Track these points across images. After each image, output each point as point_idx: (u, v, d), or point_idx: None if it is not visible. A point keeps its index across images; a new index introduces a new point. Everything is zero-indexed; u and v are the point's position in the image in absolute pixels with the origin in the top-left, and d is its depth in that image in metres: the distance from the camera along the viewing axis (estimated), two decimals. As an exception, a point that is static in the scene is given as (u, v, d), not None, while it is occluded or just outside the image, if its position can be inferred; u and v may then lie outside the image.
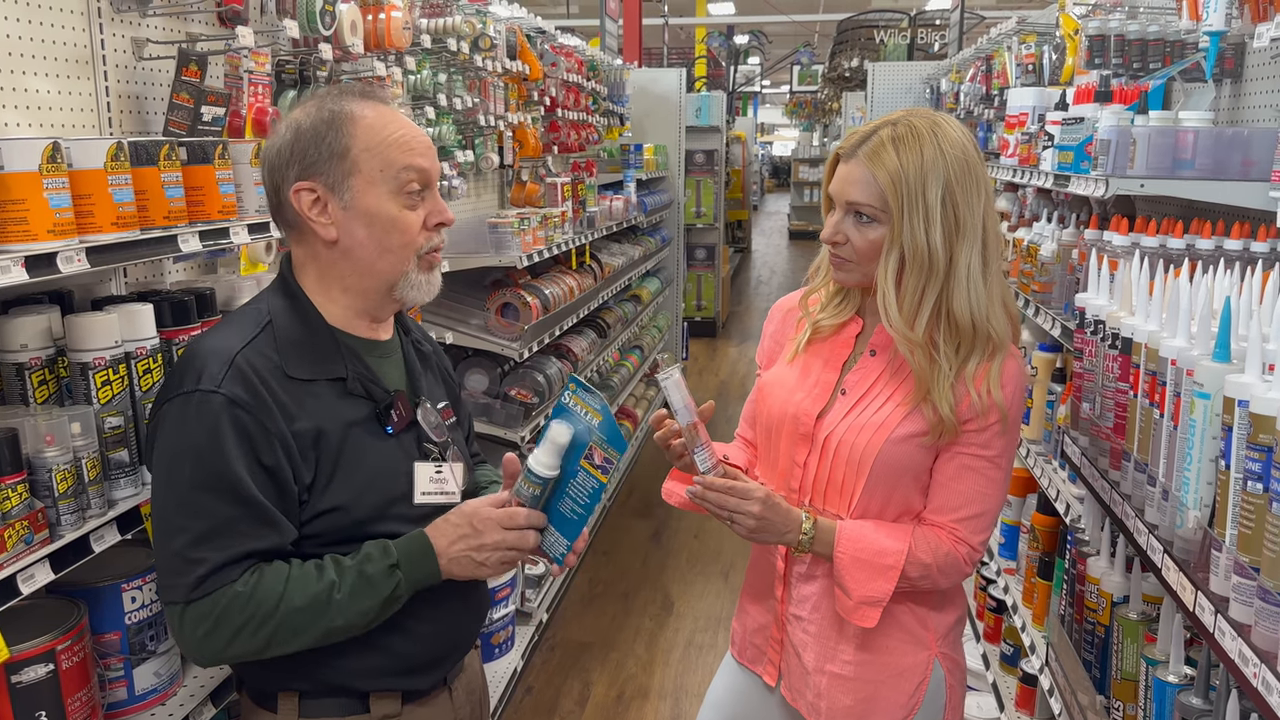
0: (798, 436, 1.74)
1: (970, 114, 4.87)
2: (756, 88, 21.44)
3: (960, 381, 1.64)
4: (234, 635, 1.39)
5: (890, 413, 1.67)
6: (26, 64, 1.90)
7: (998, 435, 1.66)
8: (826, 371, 1.75)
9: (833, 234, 1.67)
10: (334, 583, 1.42)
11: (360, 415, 1.49)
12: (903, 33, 11.08)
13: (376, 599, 1.43)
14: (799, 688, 1.79)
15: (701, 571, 4.81)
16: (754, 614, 1.88)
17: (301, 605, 1.40)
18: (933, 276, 1.61)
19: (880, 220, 1.63)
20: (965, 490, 1.68)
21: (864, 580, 1.64)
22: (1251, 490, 1.23)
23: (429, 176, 1.51)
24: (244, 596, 1.38)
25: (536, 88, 4.60)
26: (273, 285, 1.56)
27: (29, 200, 1.49)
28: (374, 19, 2.82)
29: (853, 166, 1.64)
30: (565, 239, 4.36)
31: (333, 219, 1.47)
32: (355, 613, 1.43)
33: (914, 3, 12.97)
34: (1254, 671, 1.18)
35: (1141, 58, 2.55)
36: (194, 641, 1.40)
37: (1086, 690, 2.06)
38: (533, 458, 1.48)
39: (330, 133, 1.46)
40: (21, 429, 1.56)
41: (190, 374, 1.41)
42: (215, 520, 1.38)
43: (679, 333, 8.05)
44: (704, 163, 9.89)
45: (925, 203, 1.59)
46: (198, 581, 1.37)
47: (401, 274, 1.51)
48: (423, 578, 1.47)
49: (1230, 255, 1.96)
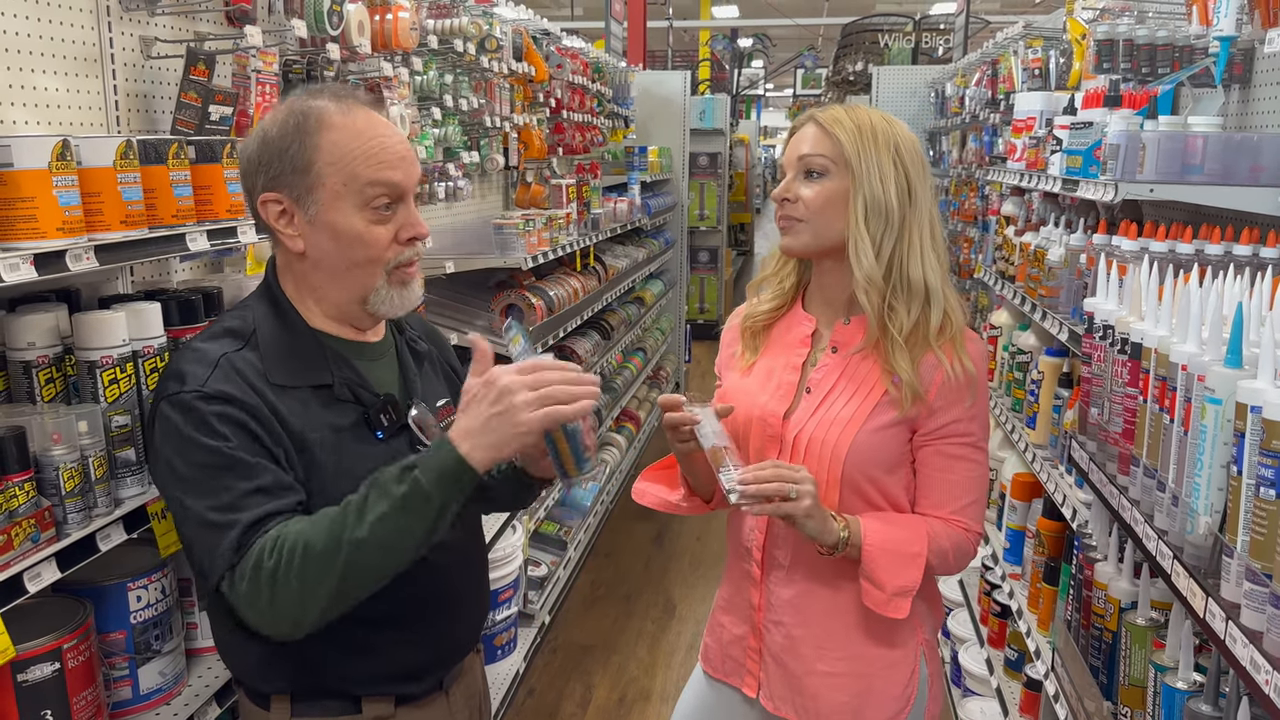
0: (766, 438, 1.73)
1: (975, 118, 4.87)
2: (760, 91, 21.43)
3: (927, 356, 1.66)
4: (271, 582, 1.28)
5: (859, 405, 1.68)
6: (36, 62, 1.90)
7: (973, 419, 1.70)
8: (788, 372, 1.76)
9: (783, 191, 1.72)
10: (349, 503, 1.32)
11: (348, 421, 1.47)
12: (907, 37, 11.07)
13: (394, 502, 1.28)
14: (783, 694, 1.78)
15: (704, 575, 4.80)
16: (729, 625, 1.86)
17: (321, 529, 1.30)
18: (888, 229, 1.66)
19: (830, 173, 1.67)
20: (957, 481, 1.70)
21: (895, 571, 1.63)
22: (1264, 497, 1.22)
23: (400, 189, 1.45)
24: (271, 542, 1.30)
25: (542, 89, 4.60)
26: (257, 290, 1.54)
27: (38, 198, 1.49)
28: (381, 19, 2.82)
29: (805, 130, 1.72)
30: (570, 241, 4.36)
31: (299, 231, 1.44)
32: (378, 523, 1.28)
33: (918, 7, 12.97)
34: (1266, 678, 1.17)
35: (1150, 62, 2.54)
36: (244, 602, 1.31)
37: (1093, 696, 2.05)
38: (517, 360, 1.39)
39: (294, 145, 1.41)
40: (29, 427, 1.55)
41: (175, 380, 1.39)
42: (232, 491, 1.34)
43: (681, 335, 8.04)
44: (708, 165, 9.88)
45: (880, 158, 1.66)
46: (233, 546, 1.31)
47: (370, 289, 1.47)
48: (447, 466, 1.29)
49: (1239, 261, 1.96)
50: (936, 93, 6.48)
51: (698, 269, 10.07)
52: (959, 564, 1.72)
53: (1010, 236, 3.45)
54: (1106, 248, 2.25)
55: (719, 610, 1.91)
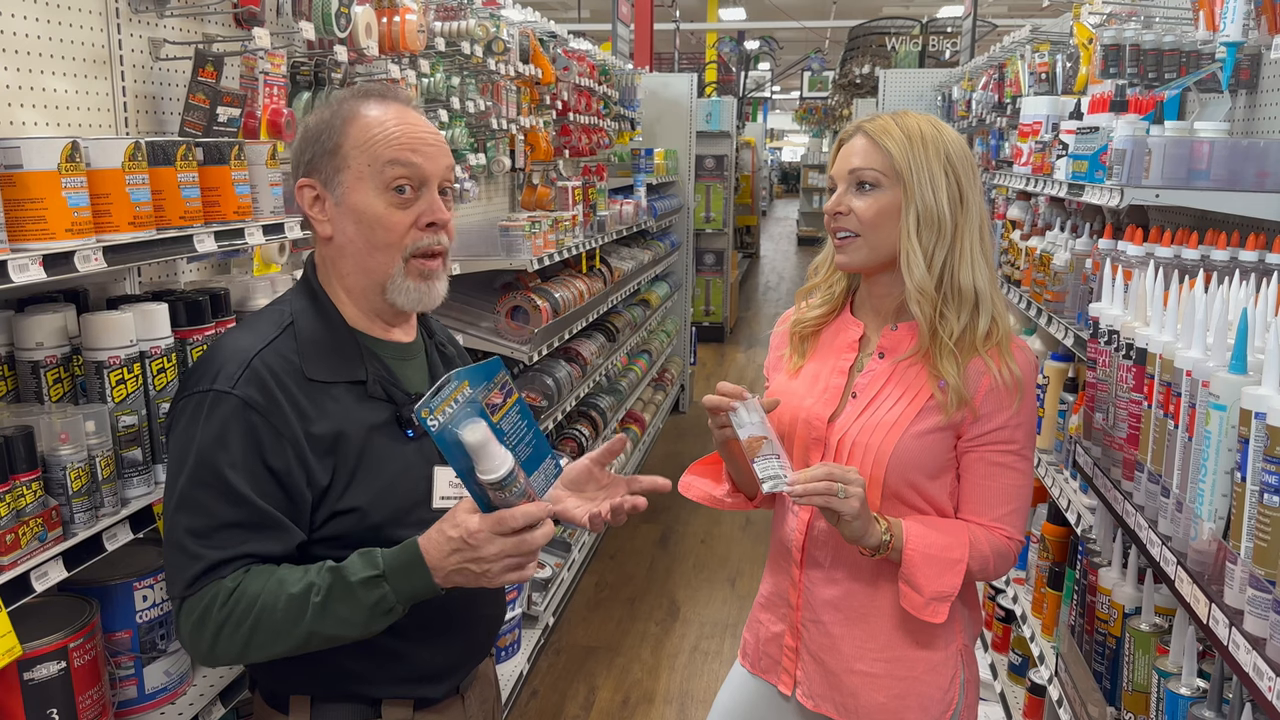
0: (810, 441, 1.73)
1: (982, 122, 4.87)
2: (767, 93, 21.45)
3: (974, 361, 1.66)
4: (218, 631, 1.36)
5: (904, 410, 1.67)
6: (45, 64, 1.91)
7: (1018, 426, 1.68)
8: (834, 376, 1.76)
9: (835, 204, 1.70)
10: (313, 585, 1.36)
11: (381, 418, 1.49)
12: (914, 40, 11.08)
13: (360, 608, 1.36)
14: (822, 692, 1.78)
15: (708, 578, 4.80)
16: (767, 623, 1.87)
17: (279, 606, 1.35)
18: (941, 238, 1.65)
19: (882, 185, 1.66)
20: (1000, 488, 1.70)
21: (934, 576, 1.63)
22: (1268, 503, 1.22)
23: (422, 173, 1.47)
24: (225, 592, 1.36)
25: (548, 91, 4.60)
26: (296, 285, 1.56)
27: (47, 199, 1.50)
28: (389, 22, 2.83)
29: (855, 141, 1.71)
30: (575, 243, 4.37)
31: (328, 215, 1.48)
32: (337, 620, 1.36)
33: (926, 10, 12.97)
34: (1269, 685, 1.17)
35: (1157, 68, 2.54)
36: (185, 637, 1.40)
37: (1097, 702, 2.05)
38: (481, 472, 1.33)
39: (327, 131, 1.47)
40: (37, 427, 1.56)
41: (208, 373, 1.41)
42: (213, 519, 1.37)
43: (687, 337, 8.04)
44: (714, 168, 9.88)
45: (931, 168, 1.65)
46: (193, 578, 1.37)
47: (388, 275, 1.48)
48: (417, 590, 1.38)
49: (1245, 266, 1.96)
50: (943, 96, 6.47)
51: (703, 271, 10.07)
52: (999, 571, 1.72)
53: (1016, 241, 3.45)
54: (1112, 253, 2.25)
55: (759, 607, 1.91)
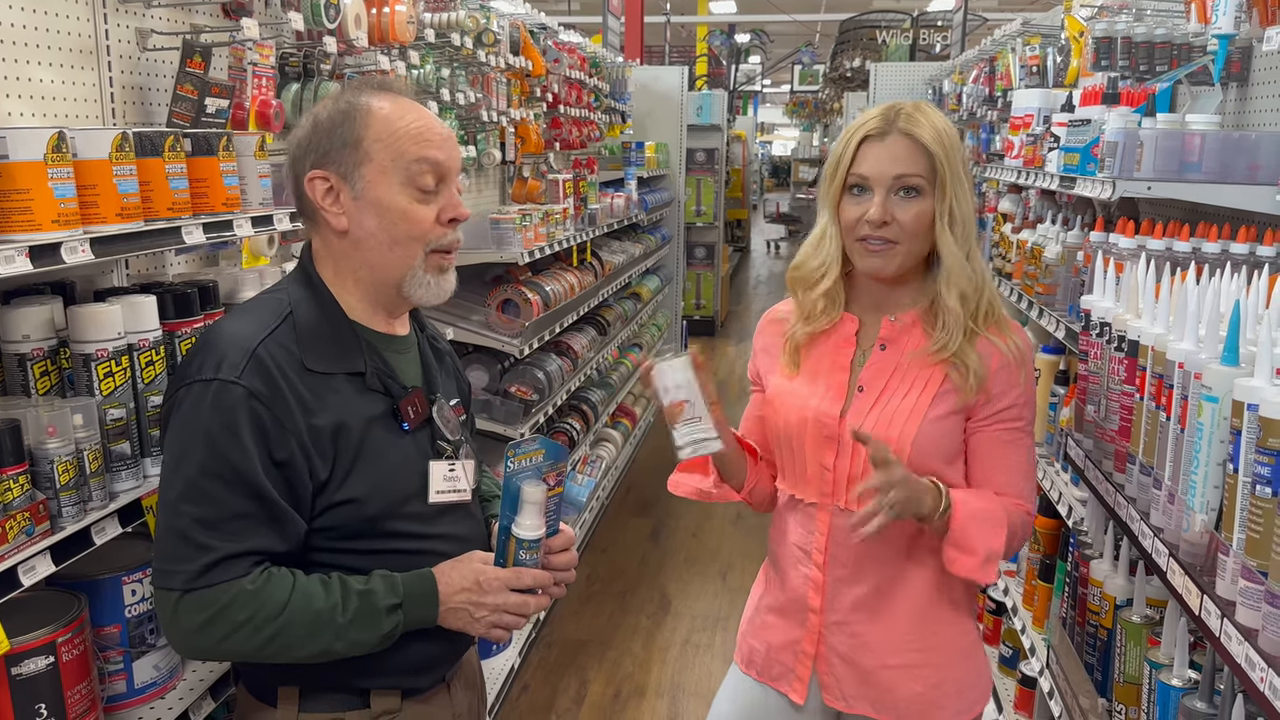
0: (822, 439, 1.70)
1: (973, 115, 4.87)
2: (757, 87, 21.43)
3: (979, 342, 1.66)
4: (233, 631, 1.37)
5: (918, 397, 1.66)
6: (31, 54, 1.89)
7: (1026, 403, 1.70)
8: (836, 372, 1.73)
9: (882, 214, 1.62)
10: (338, 605, 1.41)
11: (378, 411, 1.49)
12: (905, 33, 11.08)
13: (376, 633, 1.43)
14: (856, 692, 1.75)
15: (700, 571, 4.81)
16: (780, 629, 1.81)
17: (305, 619, 1.39)
18: (968, 235, 1.65)
19: (924, 191, 1.63)
20: (1013, 463, 1.70)
21: (985, 535, 1.60)
22: (1260, 494, 1.22)
23: (444, 169, 1.49)
24: (251, 594, 1.37)
25: (539, 84, 4.59)
26: (293, 274, 1.55)
27: (34, 190, 1.49)
28: (378, 13, 2.81)
29: (891, 141, 1.63)
30: (566, 236, 4.36)
31: (344, 209, 1.47)
32: (351, 641, 1.42)
33: (916, 4, 12.96)
34: (1261, 676, 1.18)
35: (1148, 60, 2.54)
36: (187, 631, 1.38)
37: (1088, 693, 2.06)
38: (519, 526, 1.48)
39: (345, 123, 1.46)
40: (23, 420, 1.55)
41: (209, 361, 1.39)
42: (225, 510, 1.36)
43: (678, 331, 8.04)
44: (704, 161, 9.88)
45: (959, 170, 1.63)
46: (202, 570, 1.35)
47: (409, 269, 1.49)
48: (420, 620, 1.47)
49: (1237, 258, 1.96)
50: (934, 90, 6.48)
51: (694, 265, 10.07)
52: (1020, 543, 1.72)
53: (1007, 234, 3.46)
54: (1104, 245, 2.25)
55: (767, 610, 1.85)
